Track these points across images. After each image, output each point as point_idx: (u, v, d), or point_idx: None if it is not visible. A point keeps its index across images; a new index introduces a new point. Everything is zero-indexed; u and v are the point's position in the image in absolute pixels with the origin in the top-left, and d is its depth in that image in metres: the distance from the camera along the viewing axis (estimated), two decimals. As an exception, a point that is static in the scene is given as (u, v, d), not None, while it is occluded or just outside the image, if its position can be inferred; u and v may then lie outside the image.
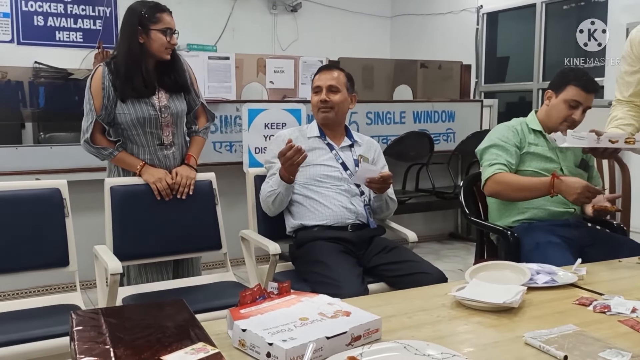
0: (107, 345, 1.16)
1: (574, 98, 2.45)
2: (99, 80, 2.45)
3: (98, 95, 2.44)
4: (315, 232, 2.42)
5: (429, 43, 6.56)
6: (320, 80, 2.54)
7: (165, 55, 2.48)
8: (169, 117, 2.53)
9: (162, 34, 2.44)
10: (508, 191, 2.44)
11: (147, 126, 2.49)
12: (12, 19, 5.37)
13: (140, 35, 2.45)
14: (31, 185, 2.33)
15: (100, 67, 2.49)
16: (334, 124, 2.57)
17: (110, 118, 2.48)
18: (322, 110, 2.52)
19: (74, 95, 4.90)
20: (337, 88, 2.53)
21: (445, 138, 4.77)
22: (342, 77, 2.56)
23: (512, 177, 2.42)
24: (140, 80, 2.44)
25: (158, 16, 2.45)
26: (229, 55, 4.30)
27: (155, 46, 2.45)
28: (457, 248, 4.90)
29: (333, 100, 2.51)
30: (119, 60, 2.46)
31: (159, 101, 2.50)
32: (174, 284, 2.45)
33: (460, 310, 1.54)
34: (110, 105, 2.46)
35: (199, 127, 2.70)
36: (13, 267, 2.18)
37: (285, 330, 1.26)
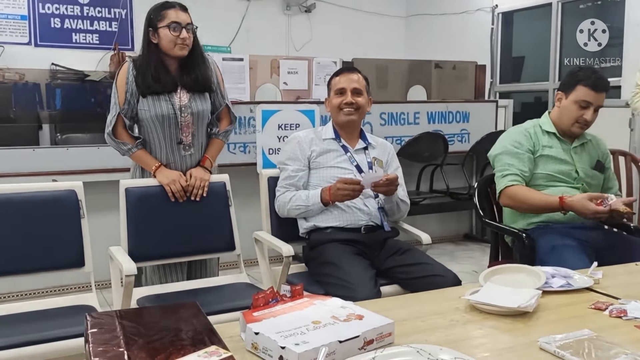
0: (121, 347, 1.17)
1: (583, 98, 2.42)
2: (124, 75, 2.48)
3: (122, 90, 2.48)
4: (329, 233, 2.42)
5: (443, 43, 6.53)
6: (344, 82, 2.52)
7: (178, 51, 2.47)
8: (188, 116, 2.53)
9: (168, 30, 2.45)
10: (519, 206, 2.47)
11: (166, 124, 2.50)
12: (29, 22, 5.43)
13: (152, 35, 2.48)
14: (48, 187, 2.36)
15: (126, 62, 2.53)
16: (353, 126, 2.57)
17: (133, 113, 2.51)
18: (348, 112, 2.51)
19: (90, 97, 4.95)
20: (360, 91, 2.53)
21: (460, 139, 4.74)
22: (363, 80, 2.56)
23: (524, 194, 2.41)
24: (150, 77, 2.45)
25: (163, 13, 2.47)
26: (243, 56, 4.31)
27: (164, 43, 2.46)
28: (472, 249, 4.87)
29: (358, 102, 2.52)
30: (139, 63, 2.50)
31: (179, 100, 2.51)
32: (188, 285, 2.46)
33: (475, 314, 1.53)
34: (133, 101, 2.48)
35: (220, 129, 2.69)
36: (30, 268, 2.21)
37: (298, 334, 1.26)
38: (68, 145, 3.91)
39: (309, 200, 2.42)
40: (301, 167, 2.50)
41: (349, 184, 2.32)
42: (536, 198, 2.40)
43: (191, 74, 2.54)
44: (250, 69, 4.29)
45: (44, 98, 4.65)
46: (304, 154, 2.51)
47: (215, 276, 2.67)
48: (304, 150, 2.51)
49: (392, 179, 2.35)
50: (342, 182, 2.34)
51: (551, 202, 2.36)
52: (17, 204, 2.21)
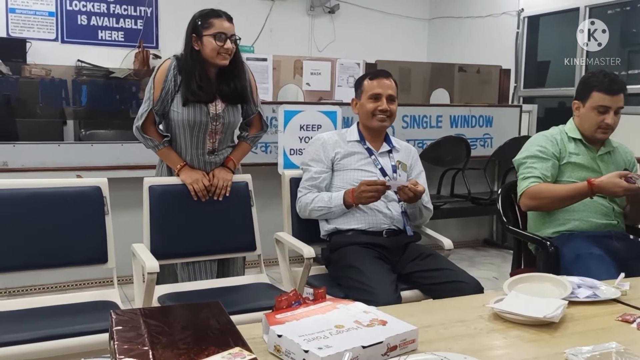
0: (145, 346, 1.17)
1: (600, 104, 2.39)
2: (164, 72, 2.47)
3: (159, 86, 2.46)
4: (350, 236, 2.41)
5: (467, 46, 6.48)
6: (379, 88, 2.49)
7: (220, 60, 2.45)
8: (220, 126, 2.53)
9: (213, 39, 2.42)
10: (544, 204, 2.41)
11: (196, 130, 2.50)
12: (56, 18, 5.50)
13: (195, 42, 2.46)
14: (73, 183, 2.38)
15: (169, 59, 2.51)
16: (382, 131, 2.57)
17: (165, 111, 2.50)
18: (381, 118, 2.49)
19: (114, 94, 5.00)
20: (394, 97, 2.52)
21: (483, 143, 4.70)
22: (395, 86, 2.55)
23: (546, 189, 2.37)
24: (195, 85, 2.44)
25: (210, 22, 2.45)
26: (267, 56, 4.32)
27: (207, 51, 2.44)
28: (492, 255, 4.82)
29: (392, 110, 2.50)
30: (181, 65, 2.48)
31: (215, 109, 2.50)
32: (208, 284, 2.47)
33: (499, 323, 1.51)
34: (167, 100, 2.48)
35: (249, 134, 2.69)
36: (54, 262, 2.23)
37: (321, 338, 1.26)
38: (92, 141, 3.96)
39: (331, 202, 2.41)
40: (324, 169, 2.50)
41: (372, 185, 2.31)
42: (561, 188, 2.36)
43: (230, 83, 2.52)
44: (274, 69, 4.30)
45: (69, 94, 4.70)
46: (327, 155, 2.50)
47: (241, 275, 2.66)
48: (327, 152, 2.51)
49: (417, 191, 2.32)
50: (365, 183, 2.33)
51: (578, 188, 2.30)
52: (43, 199, 2.24)
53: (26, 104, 4.60)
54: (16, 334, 1.81)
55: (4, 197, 2.18)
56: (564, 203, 2.38)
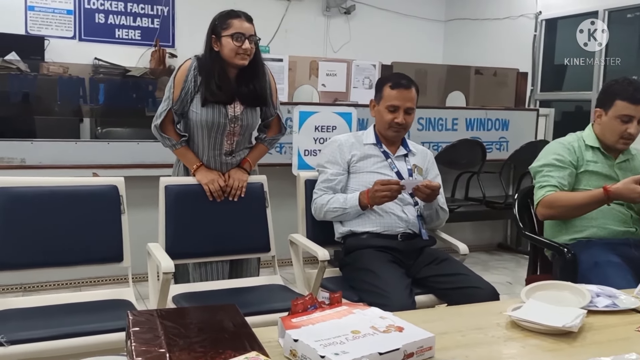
0: (162, 348, 1.17)
1: (624, 113, 2.34)
2: (185, 72, 2.48)
3: (179, 86, 2.47)
4: (365, 239, 2.40)
5: (483, 48, 6.43)
6: (399, 100, 2.44)
7: (238, 61, 2.45)
8: (238, 127, 2.53)
9: (231, 39, 2.43)
10: (562, 213, 2.38)
11: (214, 131, 2.50)
12: (74, 16, 5.54)
13: (214, 43, 2.47)
14: (90, 182, 2.40)
15: (190, 59, 2.52)
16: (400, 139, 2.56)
17: (184, 111, 2.51)
18: (395, 130, 2.48)
19: (131, 92, 5.02)
20: (412, 109, 2.49)
21: (498, 147, 4.67)
22: (415, 95, 2.49)
23: (563, 197, 2.34)
24: (215, 86, 2.45)
25: (228, 22, 2.45)
26: (283, 57, 4.32)
27: (225, 52, 2.45)
28: (506, 260, 4.79)
29: (407, 122, 2.48)
30: (201, 66, 2.49)
31: (233, 111, 2.50)
32: (223, 284, 2.47)
33: (516, 331, 1.50)
34: (186, 100, 2.48)
35: (267, 136, 2.69)
36: (70, 260, 2.24)
37: (337, 343, 1.25)
38: (109, 140, 3.98)
39: (346, 203, 2.40)
40: (340, 171, 2.49)
41: (386, 184, 2.30)
42: (577, 196, 2.33)
43: (249, 85, 2.52)
44: (290, 70, 4.30)
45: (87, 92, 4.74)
46: (343, 158, 2.50)
47: (255, 276, 2.66)
48: (344, 154, 2.50)
49: (433, 187, 2.31)
50: (379, 183, 2.31)
51: (594, 195, 2.27)
52: (60, 197, 2.25)
53: (44, 102, 4.64)
54: (32, 331, 1.82)
55: (22, 195, 2.19)
56: (580, 211, 2.35)
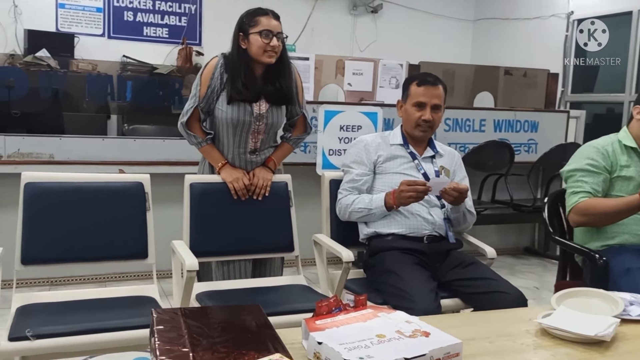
0: (186, 347, 1.16)
1: None
2: (211, 70, 2.48)
3: (205, 84, 2.48)
4: (390, 241, 2.37)
5: (512, 49, 6.33)
6: (426, 97, 2.42)
7: (266, 58, 2.45)
8: (262, 126, 2.53)
9: (259, 36, 2.42)
10: (594, 220, 2.31)
11: (239, 129, 2.50)
12: (104, 14, 5.60)
13: (242, 40, 2.47)
14: (116, 178, 2.41)
15: (216, 57, 2.52)
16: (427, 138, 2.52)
17: (210, 109, 2.51)
18: (423, 129, 2.45)
19: (158, 90, 5.06)
20: (440, 106, 2.45)
21: (527, 149, 4.59)
22: (443, 93, 2.46)
23: (596, 204, 2.27)
24: (241, 84, 2.45)
25: (256, 19, 2.45)
26: (309, 55, 4.31)
27: (253, 49, 2.44)
28: (533, 264, 4.70)
29: (435, 120, 2.45)
30: (228, 64, 2.49)
31: (258, 109, 2.50)
32: (246, 283, 2.46)
33: (546, 339, 1.46)
34: (213, 97, 2.48)
35: (292, 135, 2.68)
36: (95, 256, 2.26)
37: (362, 347, 1.23)
38: (135, 137, 4.01)
39: (372, 204, 2.37)
40: (366, 172, 2.46)
41: (412, 185, 2.26)
42: (611, 203, 2.27)
43: (275, 83, 2.51)
44: (315, 69, 4.28)
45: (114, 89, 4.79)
46: (369, 158, 2.47)
47: (279, 276, 2.65)
48: (370, 154, 2.47)
49: (460, 189, 2.27)
50: (405, 183, 2.28)
51: (629, 202, 2.19)
52: (87, 193, 2.27)
53: (73, 98, 4.70)
54: (57, 326, 1.84)
55: (50, 190, 2.21)
56: (614, 218, 2.28)
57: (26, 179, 2.19)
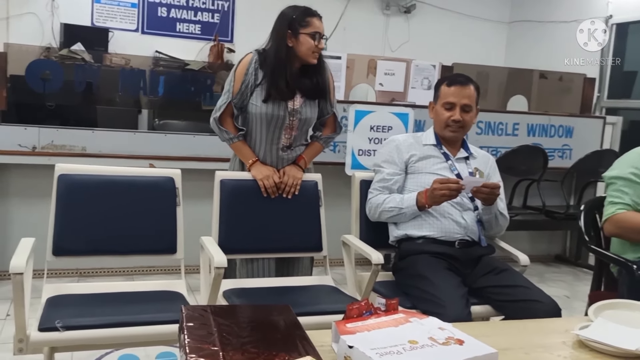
0: (215, 346, 1.15)
1: None
2: (245, 66, 2.48)
3: (239, 80, 2.48)
4: (420, 244, 2.33)
5: (547, 52, 6.21)
6: (455, 97, 2.39)
7: (312, 59, 2.47)
8: (296, 121, 2.52)
9: (310, 38, 2.44)
10: (628, 234, 2.23)
11: (273, 125, 2.50)
12: (138, 9, 5.66)
13: (289, 38, 2.46)
14: (147, 172, 2.42)
15: (251, 53, 2.52)
16: (459, 139, 2.48)
17: (243, 104, 2.51)
18: (453, 129, 2.41)
19: (189, 86, 5.09)
20: (470, 107, 2.41)
21: (561, 154, 4.49)
22: (474, 93, 2.42)
23: (633, 218, 2.19)
24: (284, 83, 2.45)
25: (308, 20, 2.46)
26: (341, 54, 4.28)
27: (303, 49, 2.45)
28: (564, 272, 4.60)
29: (465, 120, 2.40)
30: (268, 61, 2.48)
31: (293, 104, 2.50)
32: (274, 282, 2.45)
33: (584, 352, 1.41)
34: (247, 93, 2.48)
35: (323, 134, 2.67)
36: (125, 249, 2.27)
37: (394, 353, 1.20)
38: (166, 132, 4.04)
39: (403, 203, 2.34)
40: (397, 171, 2.43)
41: (445, 182, 2.22)
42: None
43: (312, 79, 2.52)
44: (347, 68, 4.26)
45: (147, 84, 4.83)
46: (401, 158, 2.44)
47: (308, 275, 2.64)
48: (401, 154, 2.44)
49: (491, 185, 2.23)
50: (438, 181, 2.24)
51: None
52: (118, 186, 2.28)
53: (106, 92, 4.75)
54: (86, 318, 1.85)
55: (82, 182, 2.23)
56: None
57: (60, 170, 2.21)
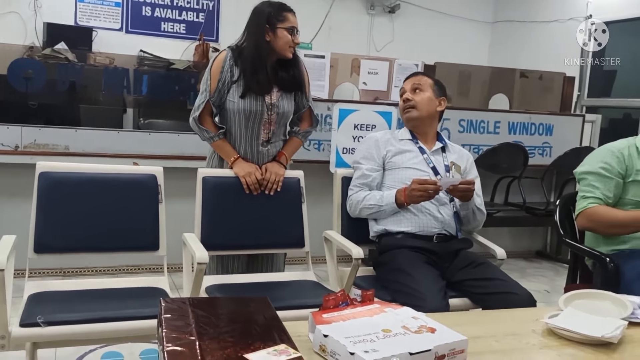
0: (192, 336, 1.18)
1: None
2: (220, 63, 2.51)
3: (215, 78, 2.51)
4: (400, 239, 2.37)
5: (529, 51, 6.30)
6: (406, 85, 2.54)
7: (289, 53, 2.52)
8: (274, 115, 2.56)
9: (287, 32, 2.49)
10: (600, 228, 2.30)
11: (251, 120, 2.52)
12: (122, 9, 5.66)
13: (267, 33, 2.50)
14: (129, 170, 2.43)
15: (224, 51, 2.56)
16: (421, 125, 2.52)
17: (221, 102, 2.54)
18: (405, 110, 2.51)
19: (174, 85, 5.10)
20: (420, 88, 2.50)
21: (541, 152, 4.56)
22: (428, 80, 2.53)
23: (604, 213, 2.25)
24: (264, 76, 2.49)
25: (284, 15, 2.51)
26: (325, 54, 4.31)
27: (280, 44, 2.49)
28: (544, 268, 4.68)
29: (416, 100, 2.48)
30: (245, 56, 2.51)
31: (270, 98, 2.53)
32: (257, 277, 2.48)
33: (553, 339, 1.45)
34: (224, 90, 2.51)
35: (301, 129, 2.71)
36: (108, 247, 2.29)
37: (368, 341, 1.24)
38: (150, 130, 4.05)
39: (382, 200, 2.39)
40: (375, 167, 2.47)
41: (423, 184, 2.27)
42: (620, 215, 2.25)
43: (289, 71, 2.57)
44: (331, 67, 4.29)
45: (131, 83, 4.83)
46: (379, 153, 2.48)
47: (280, 271, 2.67)
48: (379, 150, 2.49)
49: (468, 182, 2.29)
50: (417, 182, 2.29)
51: (637, 216, 2.19)
52: (100, 184, 2.30)
53: (89, 91, 4.74)
54: (67, 313, 1.87)
55: (64, 180, 2.24)
56: (621, 230, 2.26)
57: (41, 168, 2.22)
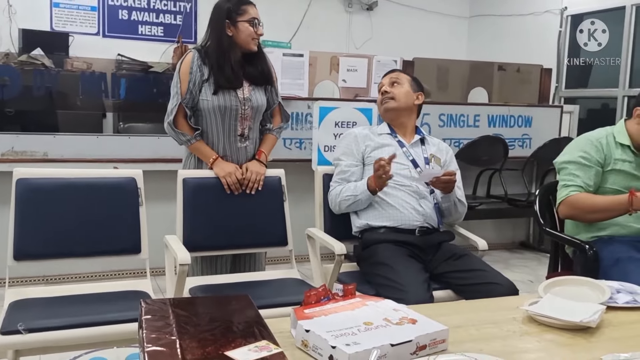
0: (173, 336, 1.18)
1: None
2: (188, 64, 2.51)
3: (185, 80, 2.50)
4: (382, 233, 2.39)
5: (507, 45, 6.35)
6: (384, 81, 2.60)
7: (252, 46, 2.54)
8: (249, 109, 2.56)
9: (249, 25, 2.50)
10: (582, 214, 2.33)
11: (227, 116, 2.52)
12: (98, 13, 5.61)
13: (228, 28, 2.51)
14: (109, 174, 2.42)
15: (190, 52, 2.56)
16: (399, 116, 2.54)
17: (194, 103, 2.53)
18: (383, 101, 2.55)
19: (153, 88, 5.07)
20: (398, 82, 2.56)
21: (521, 144, 4.61)
22: (405, 75, 2.60)
23: (586, 199, 2.29)
24: (230, 70, 2.50)
25: (243, 8, 2.52)
26: (303, 52, 4.32)
27: (242, 37, 2.51)
28: (528, 258, 4.73)
29: (394, 92, 2.53)
30: (210, 54, 2.52)
31: (242, 93, 2.54)
32: (240, 277, 2.48)
33: (533, 326, 1.47)
34: (195, 91, 2.51)
35: (274, 126, 2.72)
36: (89, 251, 2.27)
37: (349, 334, 1.24)
38: (130, 134, 4.02)
39: (357, 190, 2.41)
40: (354, 162, 2.49)
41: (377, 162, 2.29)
42: (600, 200, 2.28)
43: (257, 66, 2.59)
44: (310, 65, 4.29)
45: (109, 87, 4.80)
46: (358, 149, 2.50)
47: (262, 270, 2.67)
48: (358, 145, 2.51)
49: (450, 173, 2.31)
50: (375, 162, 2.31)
51: (618, 201, 2.21)
52: (79, 189, 2.28)
53: (67, 96, 4.71)
54: (49, 320, 1.85)
55: (42, 186, 2.22)
56: (602, 216, 2.29)
57: (18, 175, 2.20)
